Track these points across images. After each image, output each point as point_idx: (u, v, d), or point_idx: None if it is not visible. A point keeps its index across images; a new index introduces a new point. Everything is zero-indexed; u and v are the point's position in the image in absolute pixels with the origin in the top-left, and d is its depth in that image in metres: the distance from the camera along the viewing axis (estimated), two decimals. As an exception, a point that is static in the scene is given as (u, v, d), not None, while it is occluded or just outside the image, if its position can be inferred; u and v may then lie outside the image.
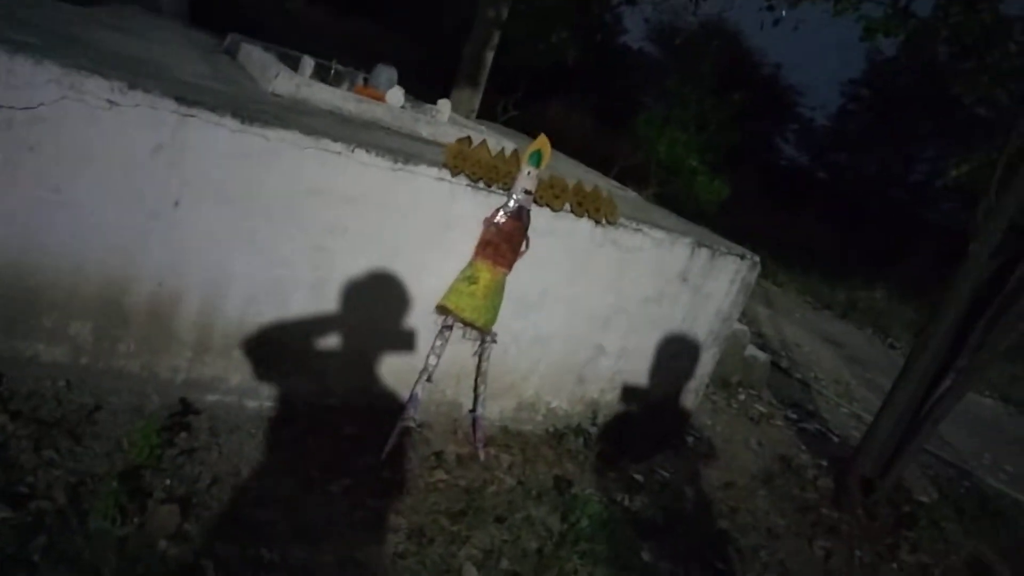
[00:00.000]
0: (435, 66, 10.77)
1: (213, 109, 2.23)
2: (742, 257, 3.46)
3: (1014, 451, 6.01)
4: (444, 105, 3.66)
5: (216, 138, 2.25)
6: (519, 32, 8.77)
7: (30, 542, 1.80)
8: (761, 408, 4.84)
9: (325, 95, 3.04)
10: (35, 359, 2.31)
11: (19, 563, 1.74)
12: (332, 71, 3.51)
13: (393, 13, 15.94)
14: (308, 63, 3.40)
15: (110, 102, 2.10)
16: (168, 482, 2.17)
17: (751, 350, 5.20)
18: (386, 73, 3.53)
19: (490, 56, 7.98)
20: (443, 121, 3.48)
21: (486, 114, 8.75)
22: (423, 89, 4.83)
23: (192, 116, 2.20)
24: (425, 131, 3.29)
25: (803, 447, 4.40)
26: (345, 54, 4.20)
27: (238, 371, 2.61)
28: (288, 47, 3.98)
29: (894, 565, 3.30)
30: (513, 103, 10.04)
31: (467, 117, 6.12)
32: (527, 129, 5.95)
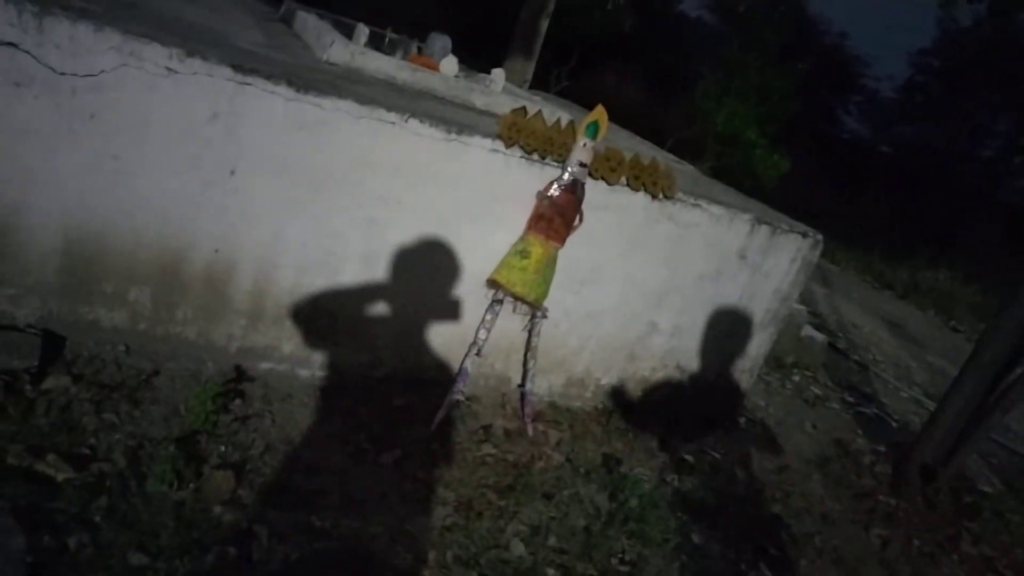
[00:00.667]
0: (489, 35, 10.62)
1: (268, 77, 2.21)
2: (804, 235, 3.33)
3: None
4: (498, 75, 3.58)
5: (271, 106, 2.24)
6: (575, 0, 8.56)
7: (92, 503, 1.85)
8: (817, 390, 4.70)
9: (379, 63, 3.00)
10: (96, 324, 2.37)
11: (83, 523, 1.79)
12: (386, 39, 3.47)
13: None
14: (363, 31, 3.36)
15: (169, 69, 2.10)
16: (223, 448, 2.20)
17: (807, 330, 5.05)
18: (440, 41, 3.47)
19: (545, 24, 7.81)
20: (497, 91, 3.41)
21: (539, 84, 8.61)
22: (476, 58, 4.76)
23: (248, 84, 2.19)
24: (479, 101, 3.23)
25: (860, 431, 4.26)
26: (399, 22, 4.16)
27: (291, 340, 2.63)
28: (343, 15, 3.94)
29: (955, 556, 3.18)
30: (567, 73, 9.84)
31: (520, 87, 6.02)
32: (581, 99, 5.82)
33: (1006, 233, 13.47)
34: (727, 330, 3.42)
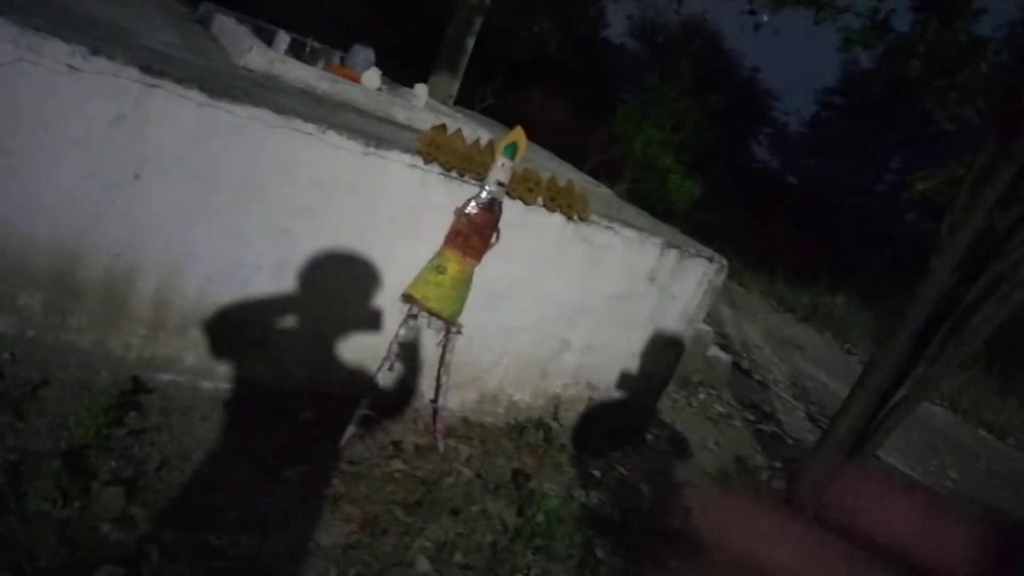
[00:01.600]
0: (417, 49, 10.63)
1: (180, 80, 2.15)
2: (710, 260, 3.48)
3: (959, 459, 6.19)
4: (421, 90, 3.60)
5: (182, 111, 2.18)
6: (502, 20, 8.69)
7: (-36, 522, 1.73)
8: (720, 408, 4.90)
9: (299, 72, 2.96)
10: (-21, 330, 2.22)
11: (-49, 543, 1.67)
12: (307, 48, 3.43)
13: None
14: (283, 38, 3.31)
15: (70, 67, 2.01)
16: (114, 463, 2.10)
17: (713, 350, 5.26)
18: (363, 54, 3.45)
19: (471, 42, 7.89)
20: (419, 106, 3.42)
21: (464, 101, 8.67)
22: (403, 71, 4.75)
23: (157, 87, 2.12)
24: (401, 115, 3.23)
25: (759, 448, 4.46)
26: (325, 31, 4.11)
27: (194, 351, 2.55)
28: (268, 20, 3.87)
29: (841, 569, 3.36)
30: (492, 91, 9.95)
31: (444, 102, 6.05)
32: (505, 118, 5.89)
33: (896, 262, 14.42)
34: (637, 349, 3.52)
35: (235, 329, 2.57)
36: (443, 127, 2.73)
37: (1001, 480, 6.19)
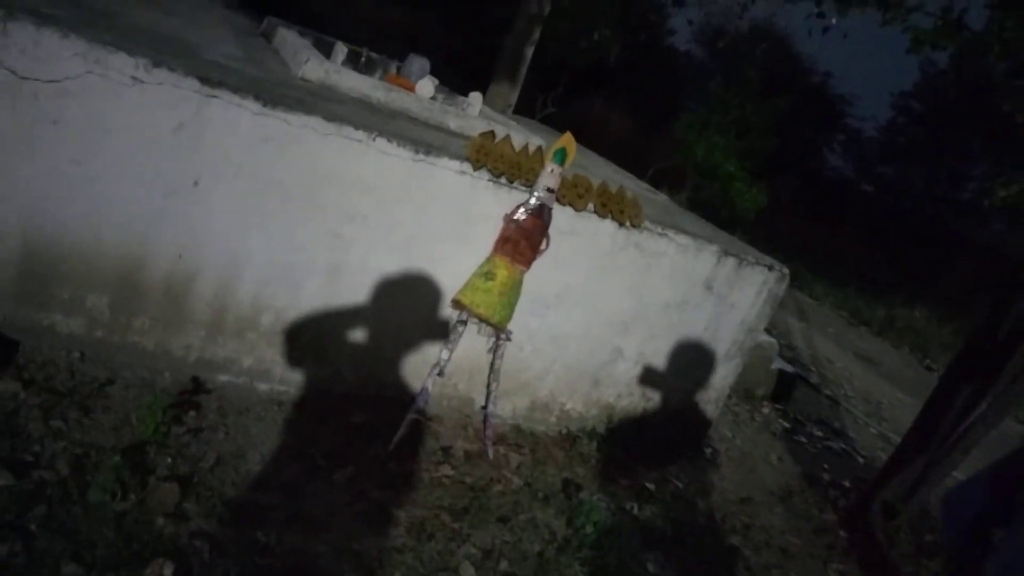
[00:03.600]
0: (478, 59, 10.74)
1: (236, 91, 2.22)
2: (770, 268, 3.37)
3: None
4: (475, 98, 3.62)
5: (238, 120, 2.25)
6: (562, 28, 8.69)
7: (29, 511, 1.81)
8: (785, 423, 4.72)
9: (354, 82, 3.03)
10: (52, 329, 2.34)
11: (16, 531, 1.75)
12: (363, 58, 3.50)
13: (442, 4, 15.97)
14: (341, 50, 3.39)
15: (134, 79, 2.10)
16: (171, 460, 2.17)
17: (779, 363, 5.08)
18: (418, 63, 3.50)
19: (530, 51, 7.91)
20: (473, 114, 3.44)
21: (525, 110, 8.70)
22: (465, 82, 4.80)
23: (215, 97, 2.20)
24: (453, 123, 3.26)
25: (826, 466, 4.28)
26: (390, 42, 4.19)
27: (250, 353, 2.62)
28: (333, 33, 3.97)
29: (912, 594, 3.18)
30: (552, 100, 9.95)
31: (504, 112, 6.08)
32: (565, 127, 5.87)
33: (980, 274, 13.67)
34: (692, 359, 3.43)
35: (289, 332, 2.63)
36: (491, 133, 2.73)
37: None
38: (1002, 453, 1.30)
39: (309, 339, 2.68)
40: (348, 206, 2.51)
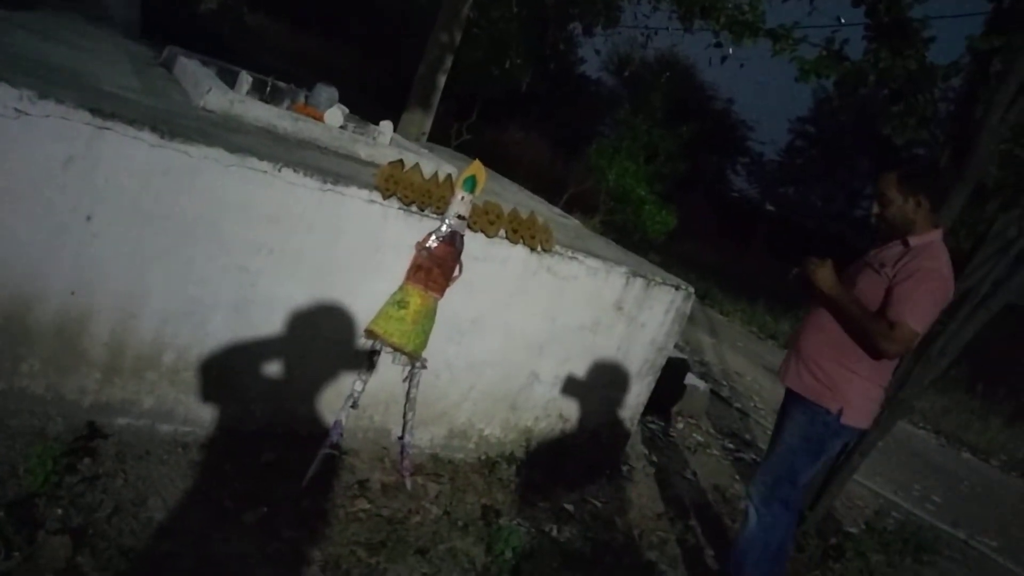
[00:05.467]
0: (393, 87, 10.75)
1: (131, 122, 2.15)
2: (677, 288, 3.50)
3: (942, 482, 6.18)
4: (386, 127, 3.63)
5: (133, 152, 2.18)
6: (473, 56, 8.82)
7: (-102, 577, 1.67)
8: (699, 437, 4.87)
9: (259, 112, 2.98)
10: (-74, 378, 2.18)
11: None
12: (268, 88, 3.46)
13: (354, 32, 15.95)
14: (245, 79, 3.34)
15: (18, 111, 2.01)
16: (62, 511, 2.05)
17: (691, 379, 5.24)
18: (326, 92, 3.48)
19: (443, 79, 7.99)
20: (384, 143, 3.44)
21: (440, 138, 8.75)
22: (379, 111, 4.80)
23: (107, 129, 2.12)
24: (363, 152, 3.25)
25: (737, 477, 4.43)
26: (301, 71, 4.16)
27: (151, 393, 2.51)
28: (243, 62, 3.90)
29: (820, 597, 3.32)
30: (467, 127, 10.06)
31: (418, 140, 6.10)
32: (480, 154, 5.96)
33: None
34: (607, 379, 3.51)
35: (194, 370, 2.54)
36: (400, 162, 2.75)
37: (984, 503, 6.18)
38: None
39: (215, 376, 2.59)
40: (254, 238, 2.46)
